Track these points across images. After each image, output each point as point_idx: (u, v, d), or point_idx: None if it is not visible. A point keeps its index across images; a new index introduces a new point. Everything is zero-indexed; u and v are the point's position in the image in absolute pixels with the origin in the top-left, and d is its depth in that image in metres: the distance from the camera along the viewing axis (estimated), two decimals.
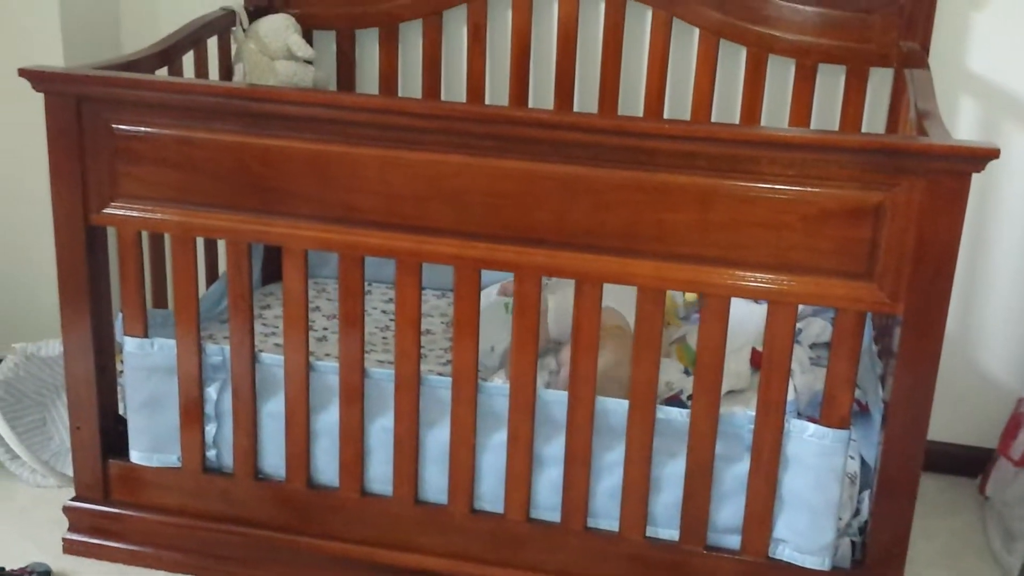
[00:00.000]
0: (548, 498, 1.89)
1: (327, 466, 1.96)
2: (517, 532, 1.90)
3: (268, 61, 2.39)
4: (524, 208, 1.71)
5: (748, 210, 1.64)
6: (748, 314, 2.18)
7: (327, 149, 1.74)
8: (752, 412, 1.78)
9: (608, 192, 1.68)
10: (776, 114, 2.43)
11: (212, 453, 2.00)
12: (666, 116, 2.45)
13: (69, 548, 2.09)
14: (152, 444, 2.01)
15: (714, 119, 2.44)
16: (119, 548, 2.07)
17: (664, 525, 1.86)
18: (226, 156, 1.78)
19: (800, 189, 1.62)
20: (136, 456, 2.02)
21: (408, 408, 1.87)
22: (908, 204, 1.59)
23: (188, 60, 2.25)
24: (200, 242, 1.96)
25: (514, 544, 1.91)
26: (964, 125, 2.36)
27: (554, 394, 1.86)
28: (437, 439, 1.90)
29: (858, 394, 1.94)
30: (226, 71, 2.45)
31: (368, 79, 2.58)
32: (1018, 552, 2.16)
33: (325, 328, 2.37)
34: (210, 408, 1.98)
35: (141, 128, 1.81)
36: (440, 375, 1.98)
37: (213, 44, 2.39)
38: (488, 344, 2.07)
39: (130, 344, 1.96)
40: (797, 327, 2.21)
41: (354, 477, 1.94)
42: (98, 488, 2.05)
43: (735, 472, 1.81)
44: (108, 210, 1.86)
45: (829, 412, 1.74)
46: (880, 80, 2.36)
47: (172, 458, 2.01)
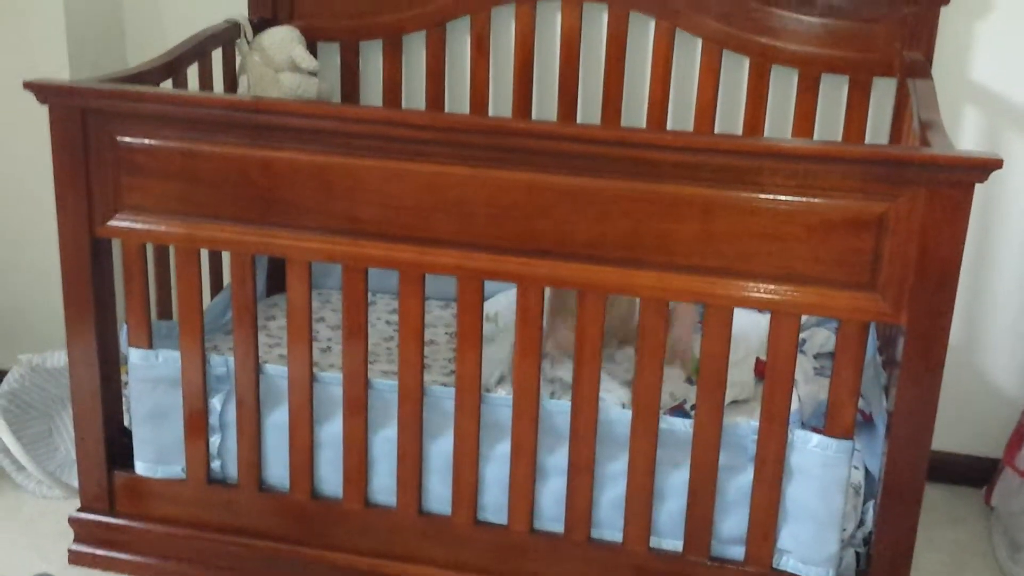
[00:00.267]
0: (552, 509, 1.89)
1: (331, 477, 1.96)
2: (521, 543, 1.90)
3: (272, 73, 2.40)
4: (527, 219, 1.71)
5: (751, 221, 1.64)
6: (752, 324, 2.18)
7: (330, 161, 1.75)
8: (756, 422, 1.78)
9: (611, 203, 1.68)
10: (779, 124, 2.43)
11: (216, 464, 2.01)
12: (669, 126, 2.45)
13: (74, 559, 2.09)
14: (157, 455, 2.01)
15: (717, 129, 2.44)
16: (124, 559, 2.07)
17: (668, 536, 1.86)
18: (230, 168, 1.79)
19: (803, 200, 1.62)
20: (141, 468, 2.03)
21: (411, 419, 1.87)
22: (911, 214, 1.59)
23: (193, 72, 2.25)
24: (204, 252, 1.97)
25: (518, 555, 1.91)
26: (968, 135, 2.36)
27: (557, 404, 1.86)
28: (441, 450, 1.90)
29: (862, 404, 1.94)
30: (231, 83, 2.45)
31: (372, 90, 2.59)
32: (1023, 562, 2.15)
33: (329, 339, 2.37)
34: (214, 419, 1.98)
35: (145, 140, 1.81)
36: (444, 385, 1.98)
37: (218, 56, 2.40)
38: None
39: (135, 356, 1.97)
40: (801, 337, 2.22)
41: (358, 488, 1.94)
42: (103, 499, 2.06)
43: (739, 483, 1.81)
44: (113, 222, 1.86)
45: (833, 422, 1.73)
46: (884, 90, 2.36)
47: (177, 469, 2.01)
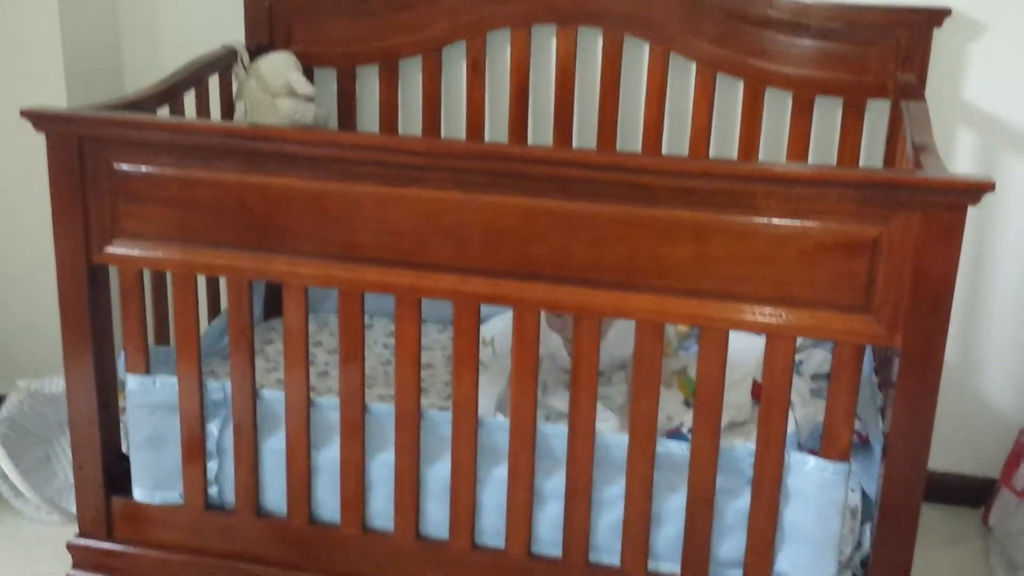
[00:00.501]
0: (549, 533, 1.88)
1: (328, 502, 1.96)
2: (519, 567, 1.90)
3: (269, 99, 2.41)
4: (523, 243, 1.72)
5: (746, 244, 1.65)
6: (749, 346, 2.18)
7: (326, 187, 1.76)
8: (753, 445, 1.78)
9: (606, 227, 1.68)
10: (774, 146, 2.45)
11: (214, 490, 2.01)
12: (665, 149, 2.47)
13: None
14: (154, 481, 2.01)
15: (712, 152, 2.45)
16: None
17: (666, 559, 1.86)
18: (227, 194, 1.80)
19: (797, 223, 1.62)
20: (139, 493, 2.03)
21: (409, 443, 1.87)
22: (904, 237, 1.60)
23: (190, 98, 2.27)
24: (202, 277, 1.97)
25: None
26: (962, 155, 2.37)
27: (554, 428, 1.86)
28: (438, 474, 1.90)
29: (858, 426, 1.94)
30: (227, 109, 2.47)
31: (369, 115, 2.60)
32: None
33: (326, 363, 2.38)
34: (212, 445, 1.98)
35: (142, 167, 1.82)
36: (442, 409, 1.98)
37: (215, 82, 2.41)
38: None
39: (132, 382, 1.97)
40: (798, 358, 2.22)
41: (355, 513, 1.94)
42: (101, 525, 2.05)
43: (736, 506, 1.81)
44: (110, 249, 1.87)
45: (829, 445, 1.74)
46: (878, 111, 2.37)
47: (174, 495, 2.01)
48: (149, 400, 1.97)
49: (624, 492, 1.82)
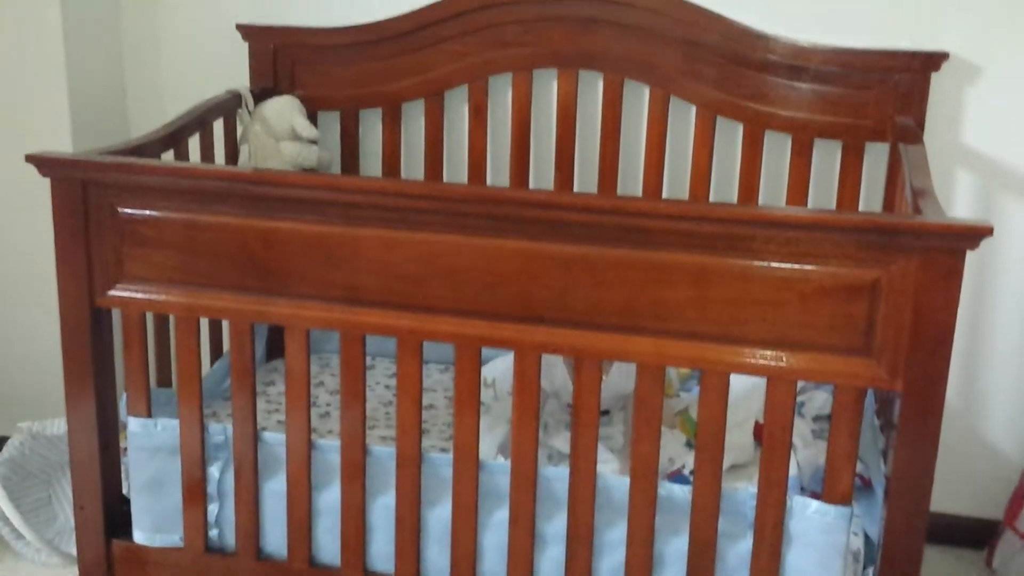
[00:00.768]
0: None
1: (329, 544, 1.95)
2: None
3: (273, 142, 2.43)
4: (523, 286, 1.72)
5: (745, 288, 1.65)
6: (751, 387, 2.18)
7: (328, 230, 1.77)
8: (755, 488, 1.77)
9: (606, 270, 1.69)
10: (774, 189, 2.46)
11: (214, 533, 2.00)
12: (665, 192, 2.48)
13: None
14: (155, 524, 2.01)
15: (712, 194, 2.46)
16: None
17: None
18: (229, 238, 1.81)
19: (796, 267, 1.63)
20: (139, 536, 2.02)
21: (410, 486, 1.87)
22: (904, 281, 1.60)
23: (194, 142, 2.28)
24: (204, 318, 1.97)
25: None
26: (961, 198, 2.38)
27: (555, 471, 1.86)
28: (439, 517, 1.89)
29: (860, 468, 1.93)
30: (232, 153, 2.48)
31: (372, 158, 2.62)
32: None
33: (328, 404, 2.38)
34: (213, 488, 1.98)
35: (146, 211, 1.83)
36: (443, 450, 1.98)
37: (219, 126, 2.43)
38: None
39: (134, 424, 1.97)
40: (800, 400, 2.22)
41: (356, 555, 1.93)
42: (101, 568, 2.05)
43: (738, 549, 1.80)
44: (113, 292, 1.88)
45: (831, 488, 1.73)
46: (877, 153, 2.39)
47: (175, 538, 2.01)
48: (150, 443, 1.97)
49: (626, 535, 1.81)
